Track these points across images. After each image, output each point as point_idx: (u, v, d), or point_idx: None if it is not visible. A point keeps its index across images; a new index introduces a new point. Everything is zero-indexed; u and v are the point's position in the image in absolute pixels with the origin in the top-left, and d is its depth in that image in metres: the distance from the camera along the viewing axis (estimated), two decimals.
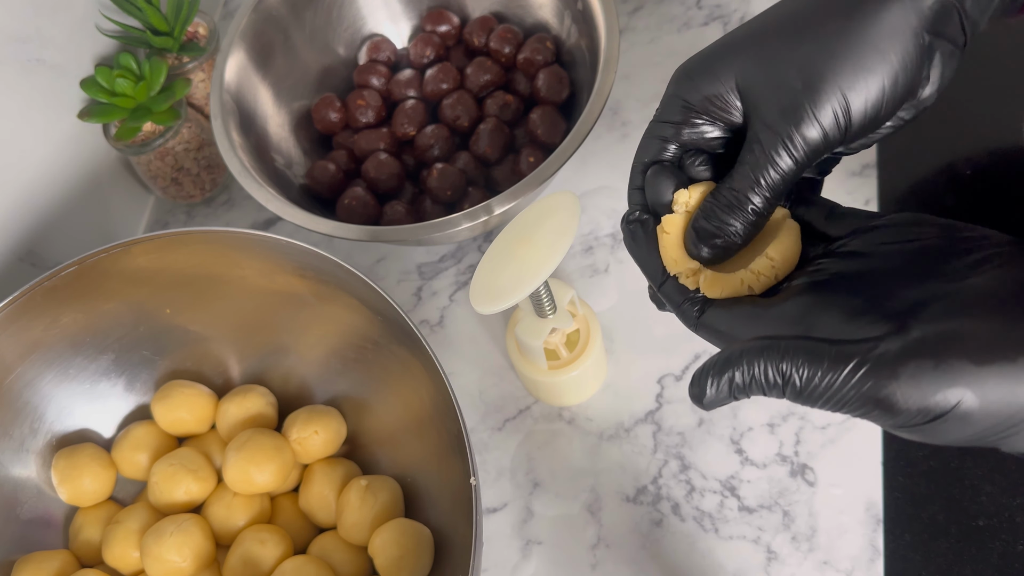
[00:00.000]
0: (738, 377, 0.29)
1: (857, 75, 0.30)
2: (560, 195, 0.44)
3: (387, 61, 0.67)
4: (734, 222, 0.32)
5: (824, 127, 0.30)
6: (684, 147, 0.35)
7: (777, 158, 0.31)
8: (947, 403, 0.25)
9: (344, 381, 0.53)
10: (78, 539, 0.52)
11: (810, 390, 0.27)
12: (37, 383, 0.52)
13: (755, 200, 0.31)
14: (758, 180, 0.31)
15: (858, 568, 0.47)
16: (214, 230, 0.50)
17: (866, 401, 0.26)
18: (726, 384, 0.29)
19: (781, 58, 0.31)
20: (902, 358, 0.26)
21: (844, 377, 0.26)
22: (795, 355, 0.27)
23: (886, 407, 0.26)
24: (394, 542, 0.46)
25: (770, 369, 0.28)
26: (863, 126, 0.31)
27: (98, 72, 0.62)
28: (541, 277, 0.41)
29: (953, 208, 0.57)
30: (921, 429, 0.26)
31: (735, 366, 0.29)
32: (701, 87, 0.33)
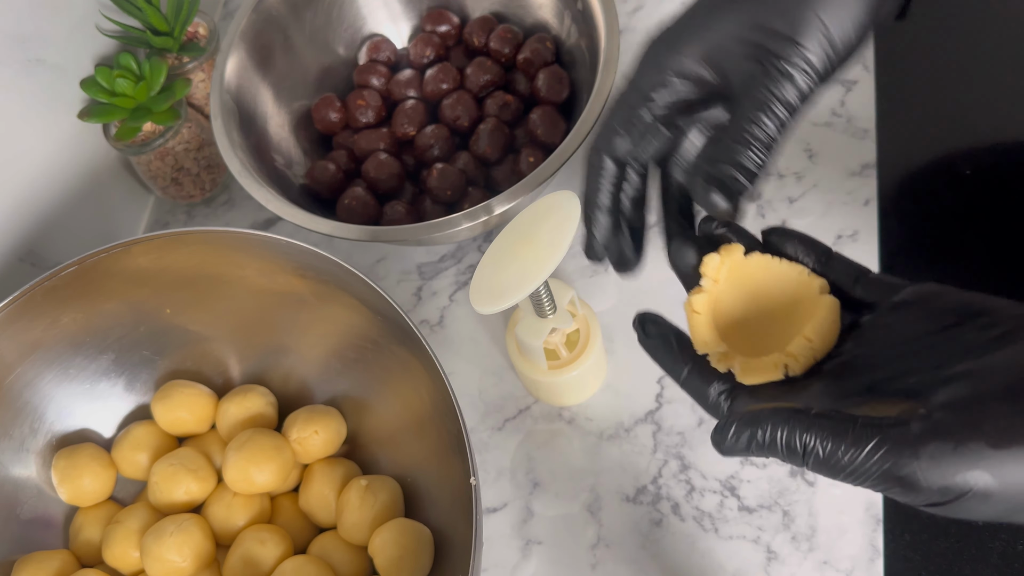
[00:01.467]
0: (759, 436, 0.29)
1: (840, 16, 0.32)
2: (560, 195, 0.44)
3: (387, 61, 0.67)
4: (740, 162, 0.33)
5: (810, 63, 0.32)
6: (656, 110, 0.36)
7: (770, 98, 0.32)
8: (966, 484, 0.26)
9: (344, 381, 0.53)
10: (78, 539, 0.52)
11: (832, 463, 0.28)
12: (37, 383, 0.52)
13: (758, 135, 0.32)
14: (758, 118, 0.32)
15: (858, 568, 0.47)
16: (214, 230, 0.50)
17: (887, 479, 0.27)
18: (746, 439, 0.29)
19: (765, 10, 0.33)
20: (923, 439, 0.26)
21: (866, 454, 0.27)
22: (820, 428, 0.28)
23: (907, 485, 0.27)
24: (394, 542, 0.46)
25: (794, 437, 0.28)
26: (845, 56, 0.33)
27: (98, 72, 0.62)
28: (541, 277, 0.41)
29: (953, 208, 0.57)
30: (943, 508, 0.27)
31: (760, 426, 0.29)
32: (681, 52, 0.36)
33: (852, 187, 0.58)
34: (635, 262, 0.40)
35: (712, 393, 0.33)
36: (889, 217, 0.57)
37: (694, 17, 0.36)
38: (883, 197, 0.57)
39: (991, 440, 0.25)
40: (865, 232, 0.56)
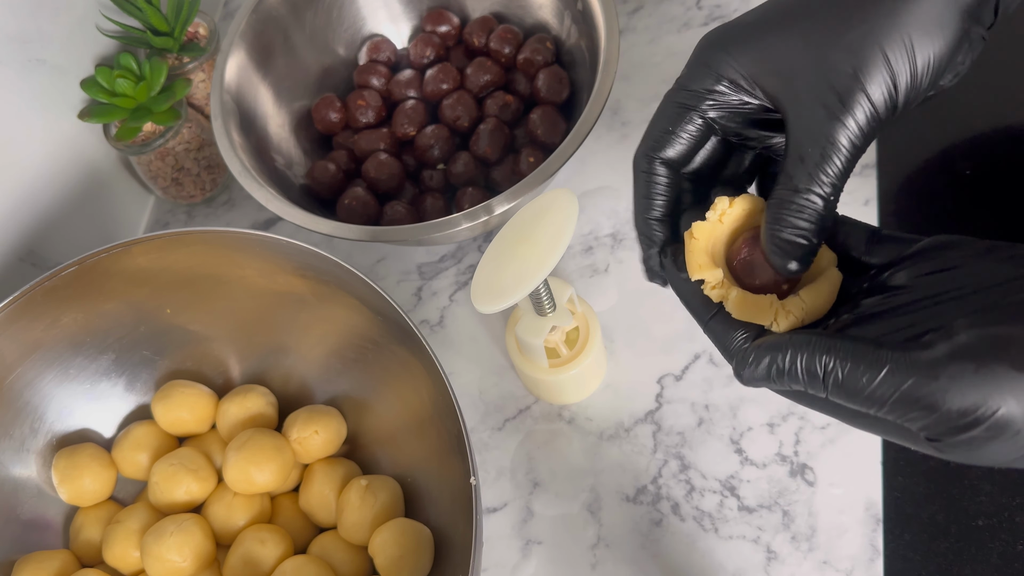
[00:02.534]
0: (780, 361, 0.29)
1: (904, 60, 0.30)
2: (558, 193, 0.44)
3: (387, 61, 0.67)
4: (810, 224, 0.31)
5: (877, 112, 0.30)
6: (705, 124, 0.34)
7: (837, 147, 0.30)
8: (987, 407, 0.25)
9: (344, 381, 0.53)
10: (78, 539, 0.52)
11: (851, 385, 0.27)
12: (37, 383, 0.52)
13: (826, 192, 0.31)
14: (824, 171, 0.31)
15: (858, 568, 0.47)
16: (214, 230, 0.50)
17: (906, 400, 0.26)
18: (766, 364, 0.29)
19: (830, 42, 0.31)
20: (944, 360, 0.26)
21: (885, 374, 0.26)
22: (841, 350, 0.28)
23: (925, 406, 0.26)
24: (394, 542, 0.46)
25: (815, 360, 0.28)
26: (903, 113, 0.31)
27: (98, 72, 0.62)
28: (542, 275, 0.42)
29: (953, 208, 0.57)
30: (965, 441, 0.26)
31: (780, 350, 0.29)
32: (736, 60, 0.32)
33: (852, 187, 0.58)
34: None
35: (737, 339, 0.32)
36: (889, 217, 0.57)
37: (754, 26, 0.33)
38: (883, 197, 0.57)
39: (1016, 363, 0.25)
40: None
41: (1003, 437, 0.25)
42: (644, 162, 0.35)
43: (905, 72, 0.30)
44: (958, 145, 0.59)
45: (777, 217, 0.31)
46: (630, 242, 0.60)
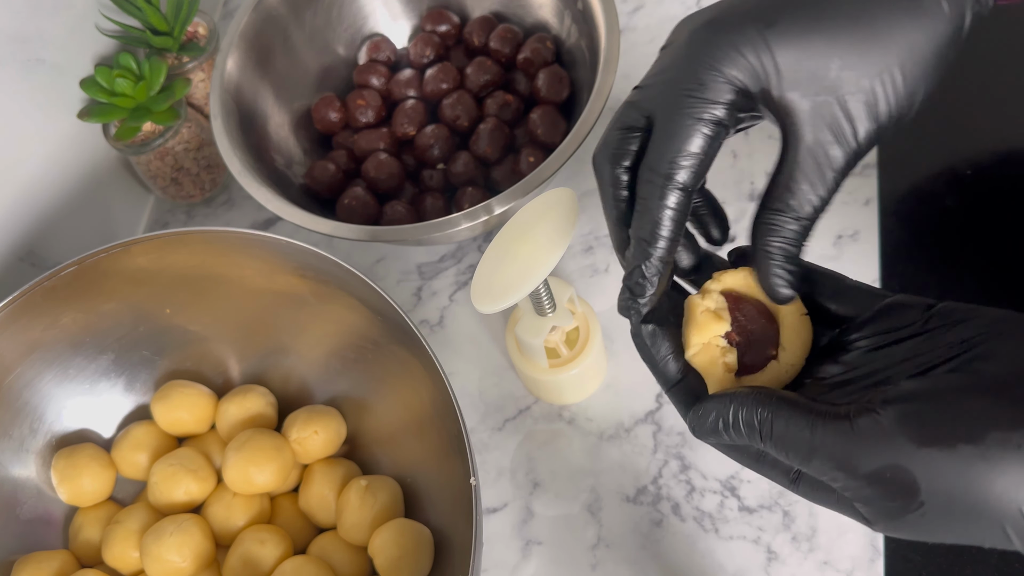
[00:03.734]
0: (725, 414, 0.30)
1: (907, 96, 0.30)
2: (558, 192, 0.44)
3: (387, 61, 0.67)
4: (798, 249, 0.32)
5: (873, 140, 0.30)
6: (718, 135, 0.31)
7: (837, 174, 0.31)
8: (892, 478, 0.26)
9: (344, 381, 0.53)
10: (78, 539, 0.52)
11: (781, 438, 0.28)
12: (37, 383, 0.52)
13: (814, 213, 0.31)
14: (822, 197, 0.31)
15: (858, 568, 0.47)
16: (214, 230, 0.50)
17: (826, 457, 0.27)
18: (713, 417, 0.30)
19: (854, 59, 0.30)
20: (861, 427, 0.27)
21: (811, 432, 0.28)
22: (777, 405, 0.29)
23: (842, 466, 0.27)
24: (394, 542, 0.46)
25: (753, 413, 0.29)
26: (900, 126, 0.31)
27: (98, 72, 0.62)
28: (542, 275, 0.41)
29: (953, 208, 0.57)
30: (881, 507, 0.27)
31: (724, 403, 0.30)
32: (739, 52, 0.30)
33: (852, 187, 0.58)
34: None
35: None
36: (889, 217, 0.57)
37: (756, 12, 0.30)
38: (884, 197, 0.57)
39: (915, 437, 0.26)
40: (865, 232, 0.56)
41: (911, 510, 0.26)
42: (673, 196, 0.31)
43: (906, 108, 0.30)
44: (959, 146, 0.59)
45: (776, 247, 0.32)
46: None
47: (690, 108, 0.31)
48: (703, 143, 0.31)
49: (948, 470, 0.25)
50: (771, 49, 0.30)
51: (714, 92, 0.30)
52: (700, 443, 0.52)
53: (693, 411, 0.32)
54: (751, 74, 0.30)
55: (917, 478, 0.25)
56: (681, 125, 0.31)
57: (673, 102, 0.31)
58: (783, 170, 0.31)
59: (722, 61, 0.30)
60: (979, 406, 0.26)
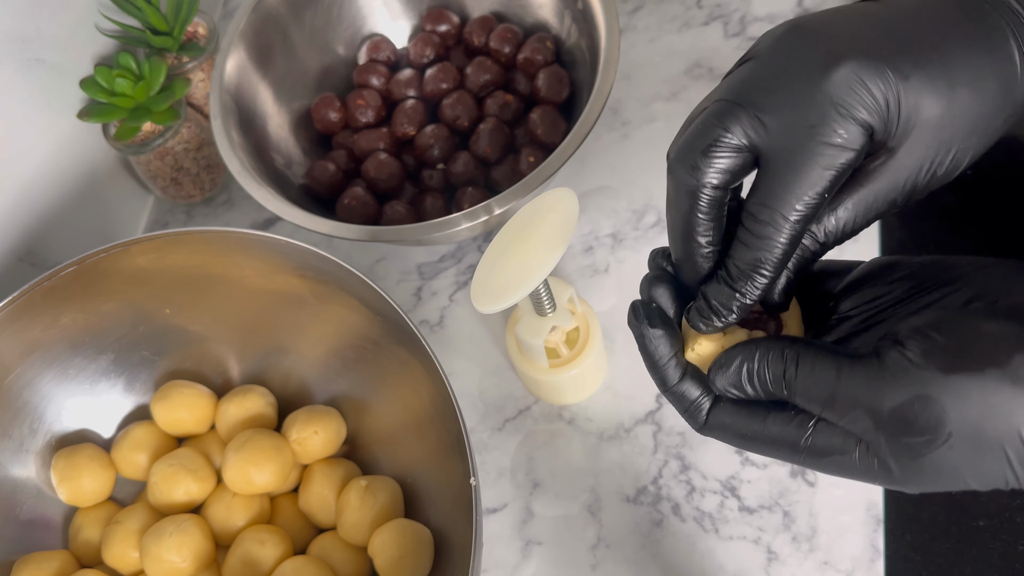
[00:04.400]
0: (749, 362, 0.30)
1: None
2: (558, 192, 0.44)
3: (387, 61, 0.67)
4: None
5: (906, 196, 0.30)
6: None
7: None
8: (919, 409, 0.26)
9: (344, 381, 0.53)
10: (78, 539, 0.52)
11: (804, 380, 0.29)
12: (36, 383, 0.52)
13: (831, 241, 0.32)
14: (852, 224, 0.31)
15: (859, 568, 0.47)
16: (214, 230, 0.50)
17: (849, 398, 0.27)
18: (739, 365, 0.30)
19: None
20: (885, 364, 0.27)
21: (830, 372, 0.28)
22: (800, 348, 0.29)
23: (864, 405, 0.27)
24: (394, 542, 0.46)
25: (776, 359, 0.29)
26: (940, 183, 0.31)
27: (98, 72, 0.62)
28: (542, 274, 0.41)
29: (954, 207, 0.57)
30: (907, 449, 0.27)
31: (750, 352, 0.30)
32: (872, 95, 0.28)
33: None
34: None
35: (695, 396, 0.32)
36: (890, 217, 0.57)
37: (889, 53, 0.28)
38: None
39: (942, 365, 0.26)
40: (866, 232, 0.56)
41: (938, 443, 0.26)
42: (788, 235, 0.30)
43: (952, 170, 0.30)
44: None
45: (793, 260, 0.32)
46: (630, 242, 0.60)
47: (822, 154, 0.28)
48: (830, 187, 0.29)
49: (977, 395, 0.25)
50: (900, 97, 0.28)
51: (849, 138, 0.28)
52: (700, 444, 0.52)
53: (715, 363, 0.31)
54: (882, 121, 0.28)
55: (945, 407, 0.25)
56: (810, 169, 0.29)
57: (801, 142, 0.29)
58: (838, 195, 0.31)
59: (860, 105, 0.28)
60: (1001, 332, 0.26)
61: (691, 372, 0.33)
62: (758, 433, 0.31)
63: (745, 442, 0.31)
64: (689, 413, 0.33)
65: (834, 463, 0.29)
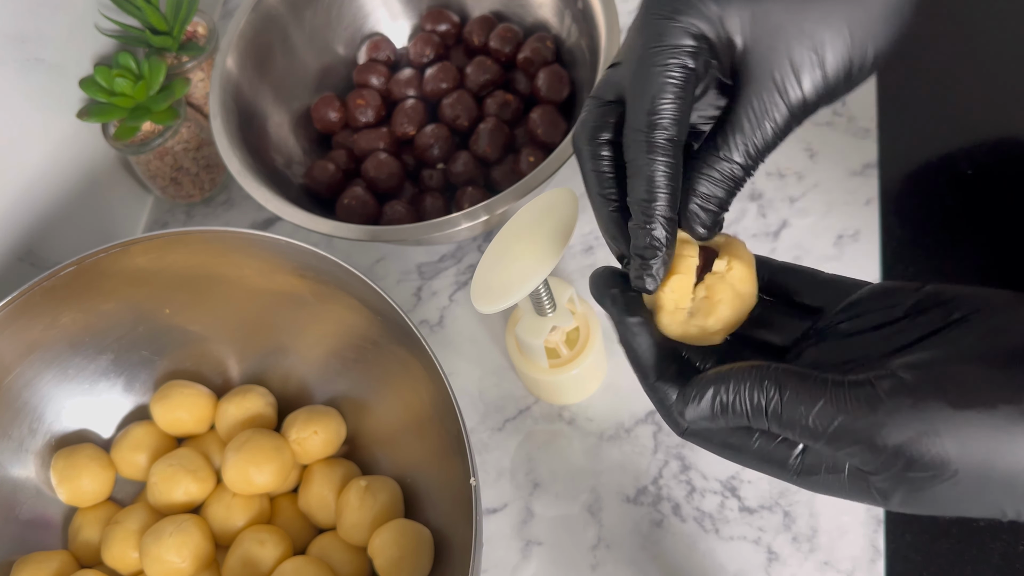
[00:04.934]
0: (723, 395, 0.28)
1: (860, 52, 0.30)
2: (558, 192, 0.44)
3: (387, 60, 0.67)
4: (728, 194, 0.31)
5: (815, 99, 0.30)
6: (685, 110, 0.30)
7: (777, 128, 0.30)
8: (923, 444, 0.25)
9: (344, 381, 0.53)
10: (77, 540, 0.52)
11: (791, 415, 0.26)
12: (36, 383, 0.52)
13: (750, 167, 0.31)
14: (758, 148, 0.30)
15: (859, 568, 0.47)
16: (213, 230, 0.50)
17: (843, 433, 0.26)
18: (710, 397, 0.28)
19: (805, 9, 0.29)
20: (882, 395, 0.25)
21: (823, 405, 0.26)
22: (782, 377, 0.27)
23: (862, 440, 0.25)
24: (394, 543, 0.46)
25: (758, 389, 0.27)
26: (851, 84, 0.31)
27: (97, 71, 0.62)
28: (542, 275, 0.41)
29: (954, 208, 0.57)
30: (907, 483, 0.25)
31: (724, 382, 0.28)
32: (689, 4, 0.30)
33: (853, 187, 0.58)
34: None
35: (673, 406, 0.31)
36: (890, 217, 0.57)
37: None
38: (885, 197, 0.57)
39: (952, 400, 0.24)
40: (866, 232, 0.56)
41: (942, 479, 0.25)
42: (660, 147, 0.30)
43: (857, 65, 0.30)
44: (960, 145, 0.59)
45: (704, 186, 0.31)
46: None
47: (653, 58, 0.30)
48: (676, 89, 0.30)
49: (988, 431, 0.24)
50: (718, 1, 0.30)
51: (673, 38, 0.30)
52: None
53: (683, 393, 0.29)
54: (704, 19, 0.30)
55: (953, 443, 0.24)
56: (649, 76, 0.30)
57: (638, 62, 0.31)
58: (727, 114, 0.31)
59: (675, 10, 0.30)
60: (1010, 368, 0.25)
61: (674, 371, 0.31)
62: (744, 446, 0.29)
63: (730, 453, 0.30)
64: (670, 416, 0.30)
65: (824, 483, 0.28)
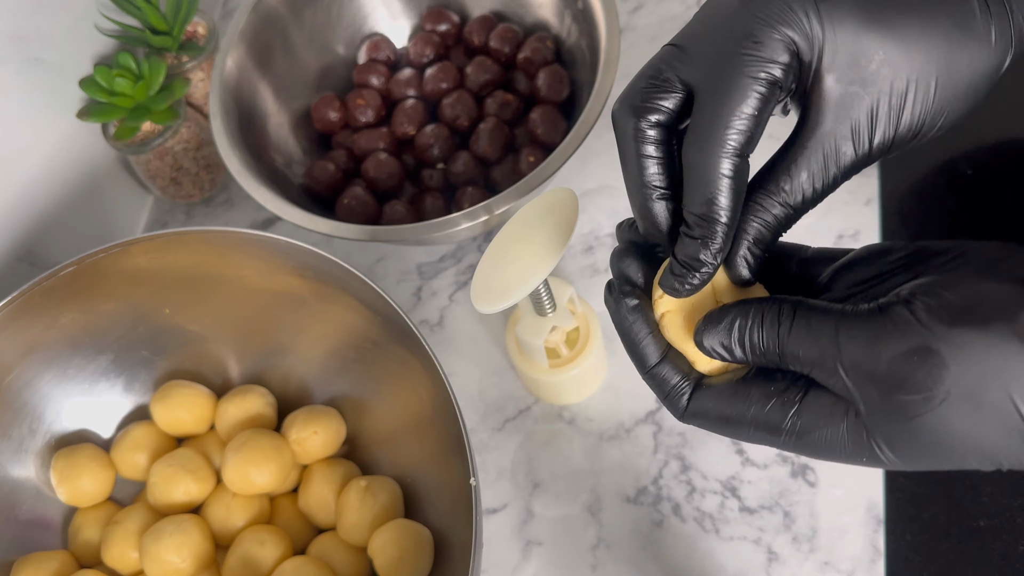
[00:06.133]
0: (744, 318, 0.28)
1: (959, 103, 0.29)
2: (559, 192, 0.44)
3: (387, 60, 0.67)
4: (774, 240, 0.31)
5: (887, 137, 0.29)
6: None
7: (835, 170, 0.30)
8: (917, 363, 0.25)
9: (344, 381, 0.53)
10: (77, 540, 0.52)
11: (800, 337, 0.27)
12: (36, 383, 0.52)
13: (799, 213, 0.30)
14: (811, 194, 0.30)
15: (859, 569, 0.47)
16: (213, 230, 0.50)
17: (847, 354, 0.26)
18: (730, 321, 0.29)
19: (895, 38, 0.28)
20: (880, 313, 0.26)
21: (832, 327, 0.26)
22: (799, 303, 0.28)
23: (864, 359, 0.26)
24: (394, 543, 0.46)
25: (776, 313, 0.28)
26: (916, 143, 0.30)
27: (97, 71, 0.62)
28: (542, 275, 0.41)
29: (954, 208, 0.57)
30: (901, 408, 0.25)
31: (747, 307, 0.29)
32: (795, 14, 0.28)
33: (853, 186, 0.58)
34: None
35: (675, 380, 0.31)
36: (891, 217, 0.56)
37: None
38: (885, 196, 0.57)
39: (945, 317, 0.25)
40: (866, 232, 0.56)
41: (935, 400, 0.24)
42: (731, 162, 0.29)
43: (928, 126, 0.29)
44: (960, 145, 0.59)
45: (754, 224, 0.31)
46: None
47: (746, 67, 0.28)
48: (759, 105, 0.28)
49: (981, 350, 0.24)
50: (822, 19, 0.28)
51: (772, 50, 0.28)
52: (701, 443, 0.52)
53: (704, 320, 0.29)
54: (806, 38, 0.28)
55: (946, 360, 0.24)
56: (736, 85, 0.28)
57: (726, 62, 0.28)
58: (788, 153, 0.30)
59: (778, 18, 0.28)
60: (1009, 290, 0.25)
61: (672, 356, 0.31)
62: (741, 415, 0.29)
63: (727, 427, 0.30)
64: (669, 399, 0.31)
65: (821, 441, 0.28)
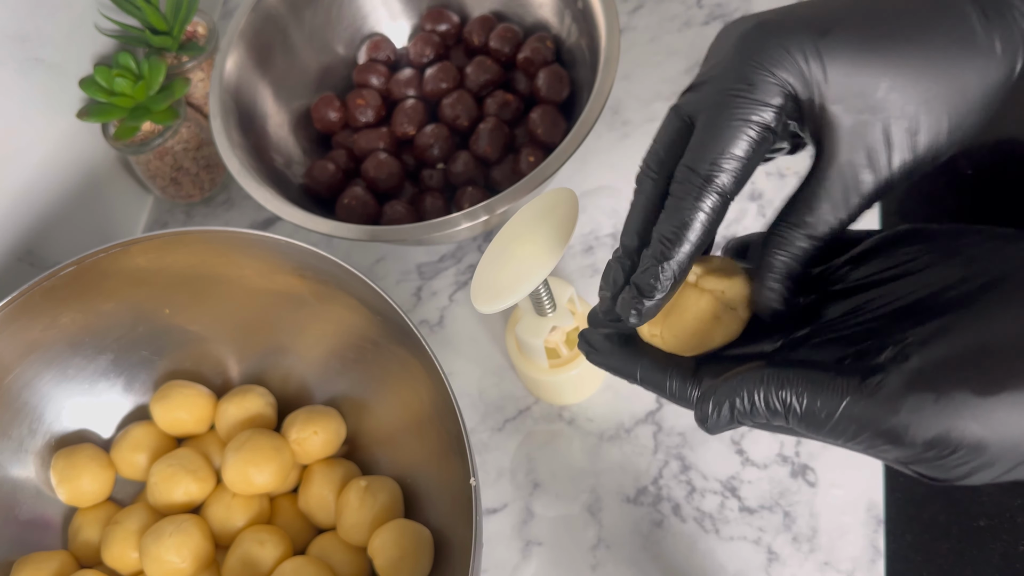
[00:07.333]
0: (739, 404, 0.28)
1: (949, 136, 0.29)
2: (559, 192, 0.43)
3: (387, 60, 0.67)
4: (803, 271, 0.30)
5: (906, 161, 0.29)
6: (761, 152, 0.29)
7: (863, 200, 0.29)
8: (954, 437, 0.24)
9: (344, 381, 0.53)
10: (77, 540, 0.52)
11: (812, 419, 0.26)
12: (36, 383, 0.52)
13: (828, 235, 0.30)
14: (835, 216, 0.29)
15: (859, 569, 0.47)
16: (213, 230, 0.50)
17: (869, 435, 0.25)
18: (727, 410, 0.28)
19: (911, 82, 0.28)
20: (901, 391, 0.25)
21: (844, 409, 0.25)
22: (795, 384, 0.26)
23: (892, 439, 0.25)
24: (394, 543, 0.46)
25: (771, 397, 0.27)
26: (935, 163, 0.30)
27: (97, 71, 0.62)
28: (542, 275, 0.41)
29: (954, 208, 0.57)
30: (941, 466, 0.25)
31: (736, 394, 0.28)
32: (791, 55, 0.28)
33: None
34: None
35: (673, 382, 0.31)
36: (891, 217, 0.56)
37: (811, 19, 0.28)
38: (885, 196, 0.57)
39: (976, 387, 0.24)
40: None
41: (978, 460, 0.24)
42: (710, 199, 0.29)
43: (945, 145, 0.29)
44: None
45: (780, 260, 0.30)
46: None
47: (737, 108, 0.28)
48: (748, 147, 0.28)
49: (1018, 412, 0.23)
50: (822, 57, 0.28)
51: (763, 93, 0.28)
52: (700, 444, 0.52)
53: (699, 406, 0.29)
54: (802, 79, 0.28)
55: (980, 431, 0.24)
56: (725, 125, 0.28)
57: (719, 102, 0.29)
58: (808, 185, 0.30)
59: (773, 62, 0.28)
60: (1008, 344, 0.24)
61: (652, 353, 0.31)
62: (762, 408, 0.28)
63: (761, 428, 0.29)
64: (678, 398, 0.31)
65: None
